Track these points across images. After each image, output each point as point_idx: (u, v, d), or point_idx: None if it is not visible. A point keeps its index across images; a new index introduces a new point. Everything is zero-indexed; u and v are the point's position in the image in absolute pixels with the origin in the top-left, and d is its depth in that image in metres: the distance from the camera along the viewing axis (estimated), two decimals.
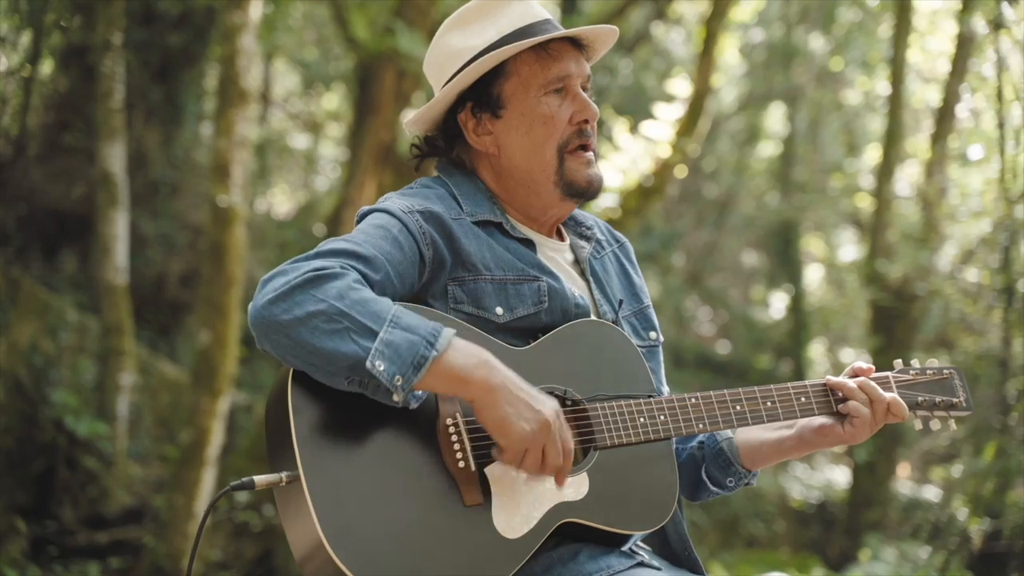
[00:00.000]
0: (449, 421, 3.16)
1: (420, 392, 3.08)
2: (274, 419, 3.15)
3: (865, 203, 19.89)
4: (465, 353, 3.04)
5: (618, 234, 3.93)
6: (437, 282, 3.34)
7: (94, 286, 12.42)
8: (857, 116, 21.58)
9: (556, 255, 3.62)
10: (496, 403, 3.03)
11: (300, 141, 21.98)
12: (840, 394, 3.56)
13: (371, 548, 2.99)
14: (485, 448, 3.16)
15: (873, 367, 3.65)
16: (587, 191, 3.52)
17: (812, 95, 20.68)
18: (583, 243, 3.73)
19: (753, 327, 22.44)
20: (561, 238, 3.71)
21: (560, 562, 3.25)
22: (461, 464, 3.14)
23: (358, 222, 3.39)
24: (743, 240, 24.15)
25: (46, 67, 13.41)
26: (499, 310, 3.35)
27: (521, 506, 3.17)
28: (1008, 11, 13.46)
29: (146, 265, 14.08)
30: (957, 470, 15.32)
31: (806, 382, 3.58)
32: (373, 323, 2.98)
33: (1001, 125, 13.69)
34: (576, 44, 3.56)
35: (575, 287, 3.55)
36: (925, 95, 18.53)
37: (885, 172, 16.61)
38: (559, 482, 3.13)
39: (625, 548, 3.40)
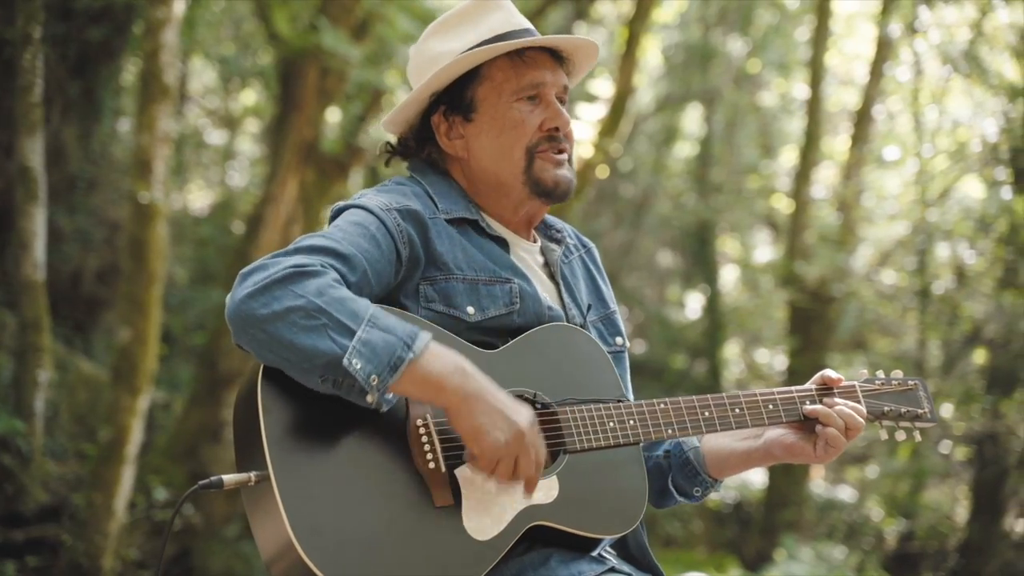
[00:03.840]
0: (419, 422, 3.15)
1: (392, 395, 3.06)
2: (243, 419, 3.13)
3: (781, 205, 20.05)
4: (442, 359, 3.04)
5: (584, 239, 3.95)
6: (411, 281, 3.34)
7: (10, 282, 12.25)
8: (774, 118, 21.75)
9: (528, 256, 3.63)
10: (471, 412, 3.02)
11: (216, 137, 21.82)
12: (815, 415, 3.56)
13: (341, 548, 2.98)
14: (455, 449, 3.16)
15: (842, 377, 3.66)
16: (553, 191, 3.53)
17: (729, 97, 20.80)
18: (553, 246, 3.74)
19: (668, 327, 22.51)
20: (532, 240, 3.72)
21: (531, 567, 3.24)
22: (431, 465, 3.13)
23: (333, 218, 3.38)
24: (659, 240, 24.22)
25: None
26: (470, 309, 3.35)
27: (491, 508, 3.16)
28: (925, 15, 13.68)
29: (62, 261, 13.91)
30: (872, 471, 15.53)
31: (774, 390, 3.60)
32: (351, 321, 2.98)
33: (917, 128, 13.91)
34: (555, 56, 3.59)
35: (545, 291, 3.56)
36: (842, 98, 18.72)
37: (802, 174, 16.72)
38: (528, 491, 3.13)
39: (594, 553, 3.41)
